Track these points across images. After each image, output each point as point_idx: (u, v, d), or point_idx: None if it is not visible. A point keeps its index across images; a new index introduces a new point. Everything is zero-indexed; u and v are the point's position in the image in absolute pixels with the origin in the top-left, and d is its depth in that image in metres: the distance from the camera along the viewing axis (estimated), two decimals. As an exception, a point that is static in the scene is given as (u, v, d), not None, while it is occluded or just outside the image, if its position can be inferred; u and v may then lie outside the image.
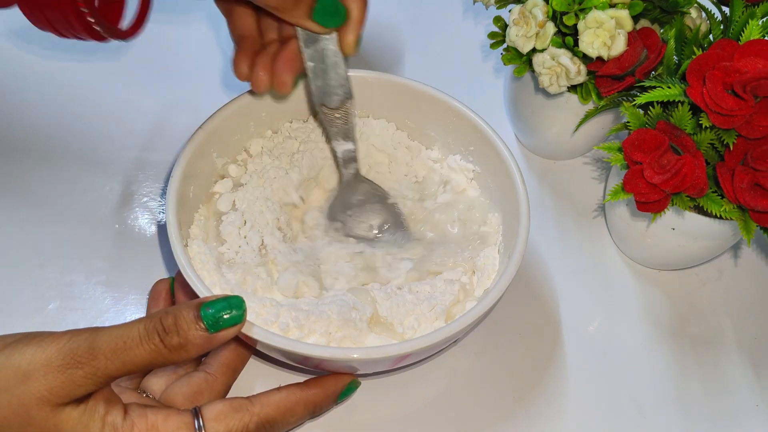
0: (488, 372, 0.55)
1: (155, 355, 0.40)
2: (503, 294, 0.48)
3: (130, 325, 0.40)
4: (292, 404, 0.45)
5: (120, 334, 0.40)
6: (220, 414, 0.43)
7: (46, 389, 0.38)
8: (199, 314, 0.41)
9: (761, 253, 0.63)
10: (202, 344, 0.41)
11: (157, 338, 0.40)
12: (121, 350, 0.39)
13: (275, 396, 0.45)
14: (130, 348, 0.40)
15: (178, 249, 0.48)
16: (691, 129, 0.51)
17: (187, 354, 0.41)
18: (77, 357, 0.39)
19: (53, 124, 0.66)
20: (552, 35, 0.55)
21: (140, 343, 0.40)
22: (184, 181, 0.52)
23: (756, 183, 0.49)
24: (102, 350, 0.39)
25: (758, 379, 0.56)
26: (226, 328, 0.41)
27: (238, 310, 0.41)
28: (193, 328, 0.41)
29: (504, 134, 0.68)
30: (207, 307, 0.41)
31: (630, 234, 0.59)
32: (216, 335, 0.41)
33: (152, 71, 0.70)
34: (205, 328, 0.41)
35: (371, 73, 0.58)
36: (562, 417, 0.53)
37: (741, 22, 0.53)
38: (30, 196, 0.61)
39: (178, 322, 0.41)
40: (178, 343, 0.40)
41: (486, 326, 0.57)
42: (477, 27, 0.76)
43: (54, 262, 0.58)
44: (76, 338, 0.39)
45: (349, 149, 0.55)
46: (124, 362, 0.39)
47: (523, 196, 0.53)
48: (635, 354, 0.57)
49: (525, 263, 0.60)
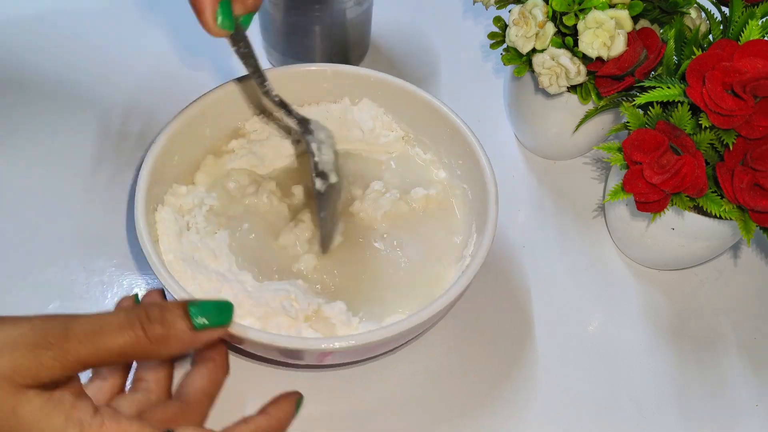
0: (487, 372, 0.55)
1: (133, 344, 0.38)
2: (474, 275, 0.49)
3: (110, 313, 0.39)
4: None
5: (98, 318, 0.38)
6: None
7: (11, 367, 0.36)
8: (187, 309, 0.40)
9: (761, 253, 0.63)
10: (185, 340, 0.40)
11: (138, 326, 0.38)
12: (96, 334, 0.37)
13: (245, 428, 0.43)
14: (107, 333, 0.38)
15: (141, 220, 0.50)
16: (691, 129, 0.51)
17: (167, 349, 0.39)
18: (49, 337, 0.37)
19: (54, 123, 0.66)
20: (552, 35, 0.55)
21: (119, 329, 0.38)
22: (163, 153, 0.53)
23: (756, 183, 0.49)
24: (76, 332, 0.37)
25: (758, 379, 0.56)
26: (212, 328, 0.41)
27: (226, 313, 0.41)
28: (179, 321, 0.40)
29: (504, 134, 0.68)
30: (194, 305, 0.41)
31: (630, 234, 0.59)
32: (200, 333, 0.40)
33: (154, 71, 0.70)
34: (191, 323, 0.40)
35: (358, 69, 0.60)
36: (562, 417, 0.53)
37: (741, 23, 0.53)
38: (30, 195, 0.61)
39: (163, 313, 0.39)
40: (161, 335, 0.39)
41: (484, 326, 0.57)
42: (477, 27, 0.76)
43: (54, 262, 0.58)
44: (52, 320, 0.38)
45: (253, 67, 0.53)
46: (98, 347, 0.37)
47: (492, 187, 0.53)
48: (635, 354, 0.57)
49: (525, 263, 0.60)
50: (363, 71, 0.59)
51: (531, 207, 0.64)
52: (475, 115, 0.69)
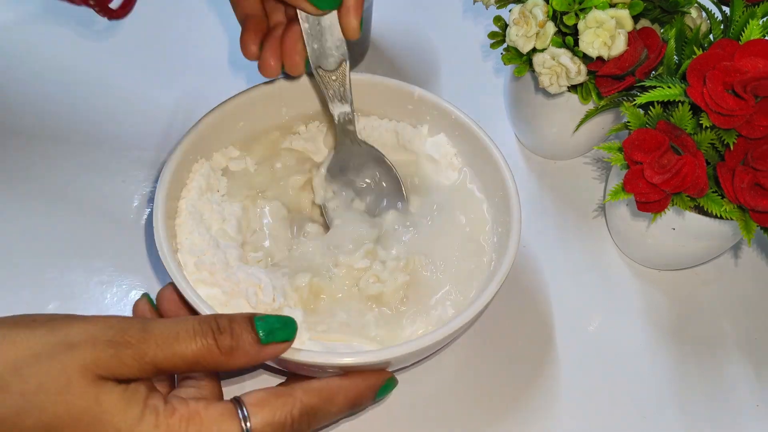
0: (486, 372, 0.55)
1: (204, 353, 0.39)
2: (492, 299, 0.48)
3: (184, 319, 0.40)
4: (333, 393, 0.44)
5: (173, 324, 0.40)
6: (262, 400, 0.42)
7: (92, 359, 0.37)
8: (254, 322, 0.41)
9: (761, 253, 0.63)
10: (251, 353, 0.41)
11: (210, 335, 0.40)
12: (173, 339, 0.39)
13: (315, 383, 0.44)
14: (183, 339, 0.39)
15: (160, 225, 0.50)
16: (692, 129, 0.51)
17: (234, 360, 0.40)
18: (128, 336, 0.38)
19: (54, 123, 0.66)
20: (552, 35, 0.55)
21: (193, 337, 0.39)
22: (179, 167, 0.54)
23: (756, 183, 0.49)
24: (154, 335, 0.39)
25: (758, 379, 0.56)
26: (277, 343, 0.42)
27: (291, 328, 0.42)
28: (247, 332, 0.41)
29: (504, 134, 0.68)
30: (261, 319, 0.42)
31: (630, 234, 0.59)
32: (266, 348, 0.41)
33: (153, 69, 0.70)
34: (257, 336, 0.41)
35: (368, 76, 0.59)
36: (562, 417, 0.53)
37: (741, 22, 0.53)
38: (29, 196, 0.61)
39: (233, 324, 0.41)
40: (230, 346, 0.40)
41: (484, 326, 0.57)
42: (477, 27, 0.76)
43: (54, 262, 0.58)
44: (129, 320, 0.39)
45: (346, 111, 0.55)
46: (174, 353, 0.39)
47: (516, 210, 0.52)
48: (635, 354, 0.57)
49: (525, 263, 0.60)
50: (448, 106, 0.57)
51: (531, 207, 0.64)
52: (475, 115, 0.69)
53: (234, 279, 0.50)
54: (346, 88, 0.54)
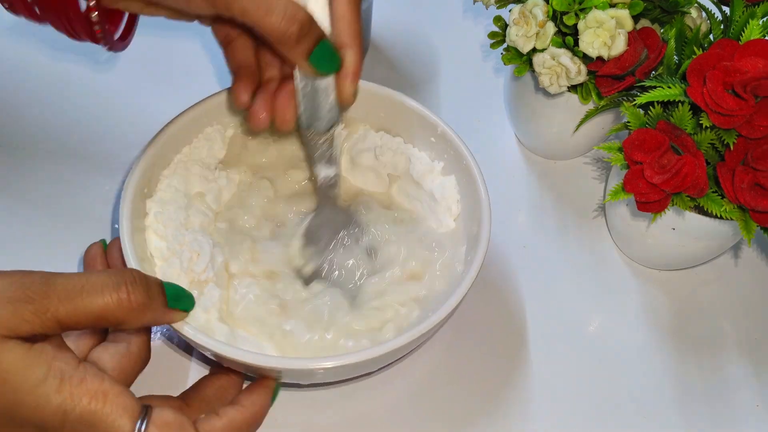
0: (484, 371, 0.55)
1: (114, 308, 0.38)
2: (463, 298, 0.48)
3: (91, 273, 0.39)
4: (236, 429, 0.43)
5: (80, 277, 0.38)
6: (166, 425, 0.40)
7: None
8: (162, 284, 0.42)
9: (761, 253, 0.63)
10: (157, 313, 0.41)
11: (124, 288, 0.39)
12: (77, 293, 0.38)
13: (218, 423, 0.43)
14: (89, 293, 0.38)
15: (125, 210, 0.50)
16: (692, 129, 0.51)
17: (140, 318, 0.40)
18: (29, 291, 0.37)
19: (53, 124, 0.65)
20: (552, 35, 0.55)
21: (101, 291, 0.38)
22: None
23: (756, 183, 0.49)
24: (57, 289, 0.37)
25: (758, 379, 0.56)
26: (179, 311, 0.43)
27: (191, 300, 0.44)
28: (158, 292, 0.41)
29: (504, 134, 0.68)
30: (168, 284, 0.42)
31: (630, 234, 0.59)
32: (170, 312, 0.42)
33: (153, 74, 0.70)
34: (165, 298, 0.41)
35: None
36: (562, 417, 0.53)
37: (741, 22, 0.53)
38: (29, 196, 0.61)
39: (147, 280, 0.40)
40: (142, 302, 0.39)
41: (483, 325, 0.57)
42: (477, 27, 0.76)
43: (53, 262, 0.58)
44: (32, 275, 0.38)
45: (330, 175, 0.53)
46: (77, 307, 0.37)
47: (486, 210, 0.52)
48: (635, 354, 0.57)
49: (525, 263, 0.60)
50: (465, 151, 0.54)
51: (531, 207, 0.64)
52: (475, 115, 0.69)
53: (180, 239, 0.51)
54: (334, 151, 0.52)
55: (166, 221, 0.52)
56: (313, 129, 0.51)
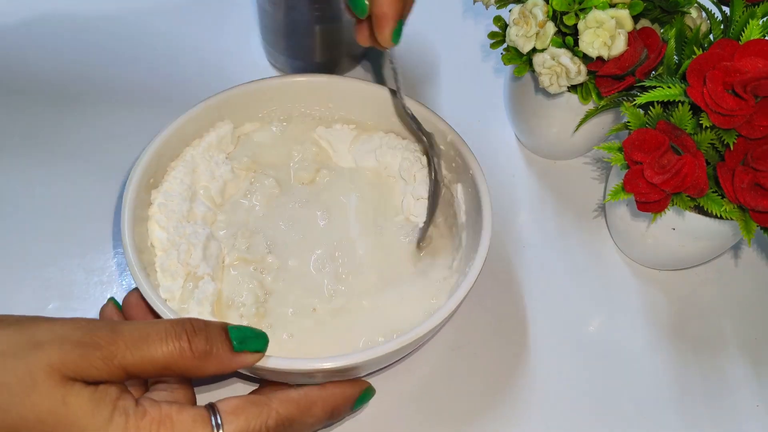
0: (485, 371, 0.55)
1: (177, 356, 0.38)
2: (464, 299, 0.48)
3: (156, 321, 0.39)
4: (310, 403, 0.43)
5: (144, 326, 0.39)
6: (237, 408, 0.41)
7: (59, 359, 0.36)
8: (227, 329, 0.41)
9: (761, 253, 0.63)
10: (223, 360, 0.40)
11: (185, 337, 0.39)
12: (143, 341, 0.38)
13: (293, 393, 0.43)
14: (154, 342, 0.38)
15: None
16: (692, 129, 0.51)
17: (206, 366, 0.39)
18: (96, 337, 0.37)
19: (54, 121, 0.65)
20: (552, 35, 0.55)
21: (165, 339, 0.38)
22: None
23: (756, 183, 0.49)
24: (123, 337, 0.38)
25: (758, 379, 0.56)
26: (250, 352, 0.41)
27: (263, 339, 0.42)
28: (221, 338, 0.40)
29: (504, 134, 0.68)
30: (234, 328, 0.41)
31: (630, 234, 0.59)
32: (238, 356, 0.40)
33: (157, 70, 0.70)
34: (231, 343, 0.40)
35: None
36: (562, 417, 0.53)
37: (741, 22, 0.53)
38: (30, 195, 0.61)
39: (208, 327, 0.40)
40: (204, 350, 0.39)
41: (484, 325, 0.57)
42: (477, 27, 0.76)
43: (54, 262, 0.58)
44: (96, 322, 0.38)
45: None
46: (143, 356, 0.38)
47: (488, 214, 0.52)
48: (635, 354, 0.57)
49: (525, 263, 0.60)
50: (472, 162, 0.55)
51: (531, 207, 0.64)
52: (475, 115, 0.69)
53: (181, 231, 0.52)
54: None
55: (168, 213, 0.53)
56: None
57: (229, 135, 0.58)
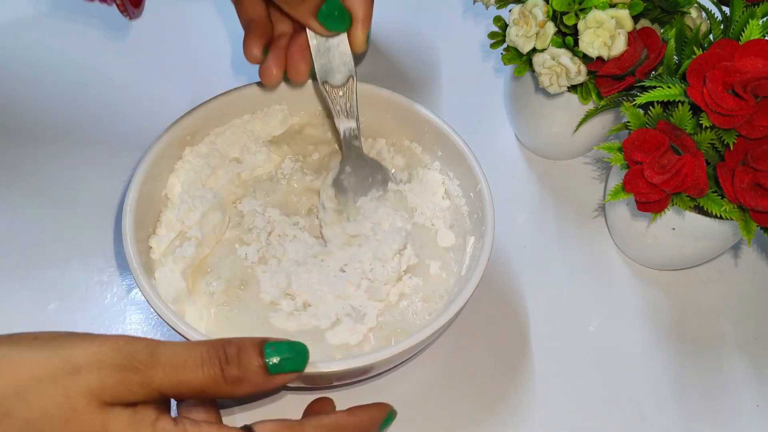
0: (486, 371, 0.55)
1: (210, 382, 0.39)
2: (468, 301, 0.48)
3: (193, 345, 0.39)
4: (341, 429, 0.43)
5: (182, 351, 0.39)
6: (273, 431, 0.40)
7: (98, 384, 0.36)
8: (263, 351, 0.40)
9: (761, 253, 0.63)
10: (257, 383, 0.40)
11: (218, 365, 0.39)
12: (180, 367, 0.38)
13: (325, 420, 0.43)
14: (190, 368, 0.38)
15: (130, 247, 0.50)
16: (692, 129, 0.51)
17: (240, 390, 0.39)
18: (135, 361, 0.37)
19: (54, 122, 0.66)
20: (552, 35, 0.55)
21: (200, 366, 0.38)
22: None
23: (756, 183, 0.49)
24: (162, 362, 0.38)
25: (758, 379, 0.56)
26: (285, 373, 0.40)
27: (302, 357, 0.41)
28: (255, 363, 0.39)
29: (504, 134, 0.68)
30: (271, 347, 0.40)
31: (630, 234, 0.59)
32: (274, 377, 0.40)
33: (158, 69, 0.70)
34: (266, 365, 0.40)
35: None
36: (562, 417, 0.53)
37: (741, 22, 0.53)
38: (30, 195, 0.61)
39: (240, 354, 0.39)
40: (236, 376, 0.39)
41: (484, 325, 0.57)
42: (477, 27, 0.76)
43: (54, 262, 0.58)
44: (136, 343, 0.38)
45: (351, 127, 0.55)
46: (180, 381, 0.38)
47: (490, 213, 0.52)
48: (635, 354, 0.57)
49: (524, 263, 0.60)
50: (474, 168, 0.54)
51: (531, 207, 0.64)
52: (475, 115, 0.69)
53: (192, 191, 0.54)
54: (353, 104, 0.54)
55: (189, 170, 0.55)
56: (328, 83, 0.53)
57: (280, 119, 0.58)
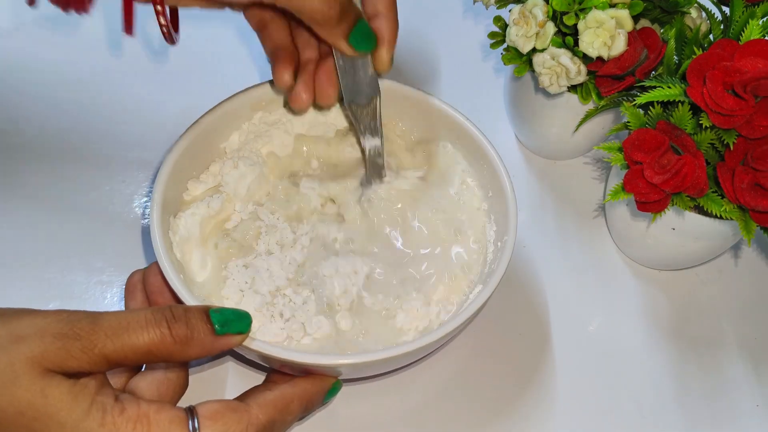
0: (486, 372, 0.55)
1: (157, 343, 0.39)
2: (487, 300, 0.48)
3: (137, 310, 0.40)
4: (287, 402, 0.44)
5: (125, 315, 0.39)
6: (216, 413, 0.41)
7: (39, 351, 0.37)
8: (209, 313, 0.41)
9: (761, 253, 0.63)
10: (205, 344, 0.40)
11: (164, 324, 0.39)
12: (123, 330, 0.38)
13: (269, 396, 0.44)
14: (134, 330, 0.38)
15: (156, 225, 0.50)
16: (692, 129, 0.51)
17: (188, 351, 0.40)
18: (76, 329, 0.38)
19: (55, 122, 0.66)
20: (552, 35, 0.55)
21: (145, 327, 0.39)
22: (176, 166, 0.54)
23: (756, 183, 0.49)
24: (103, 326, 0.38)
25: (758, 379, 0.56)
26: (232, 335, 0.41)
27: (246, 320, 0.42)
28: (202, 322, 0.40)
29: (504, 134, 0.68)
30: (216, 311, 0.41)
31: (630, 234, 0.59)
32: (220, 339, 0.41)
33: (160, 71, 0.70)
34: (212, 326, 0.40)
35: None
36: (562, 417, 0.53)
37: (741, 22, 0.53)
38: (30, 195, 0.61)
39: (188, 314, 0.40)
40: (185, 335, 0.39)
41: (484, 326, 0.57)
42: (477, 27, 0.76)
43: (54, 262, 0.58)
44: (78, 313, 0.39)
45: (376, 145, 0.55)
46: (124, 344, 0.38)
47: (513, 215, 0.52)
48: (635, 354, 0.57)
49: (524, 263, 0.60)
50: (495, 160, 0.55)
51: (531, 207, 0.64)
52: (475, 115, 0.69)
53: (238, 152, 0.56)
54: (377, 122, 0.54)
55: (251, 132, 0.57)
56: (355, 103, 0.53)
57: (318, 122, 0.59)
